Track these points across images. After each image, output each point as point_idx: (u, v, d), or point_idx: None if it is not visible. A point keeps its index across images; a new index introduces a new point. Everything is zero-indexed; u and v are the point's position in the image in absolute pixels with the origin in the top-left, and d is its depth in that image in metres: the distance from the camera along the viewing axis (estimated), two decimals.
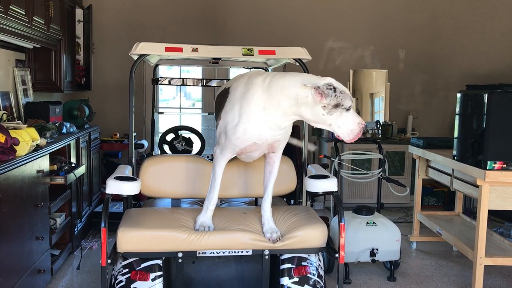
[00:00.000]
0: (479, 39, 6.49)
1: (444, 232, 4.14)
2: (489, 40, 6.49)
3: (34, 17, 3.82)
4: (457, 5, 6.43)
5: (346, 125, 2.45)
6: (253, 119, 2.56)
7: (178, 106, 6.81)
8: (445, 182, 4.17)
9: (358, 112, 6.41)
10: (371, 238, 3.75)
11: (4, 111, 3.78)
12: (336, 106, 2.40)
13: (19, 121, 3.72)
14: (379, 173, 4.24)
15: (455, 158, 3.76)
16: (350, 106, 2.43)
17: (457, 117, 3.78)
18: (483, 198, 3.40)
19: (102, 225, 2.52)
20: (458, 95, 3.76)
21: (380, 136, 6.17)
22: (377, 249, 3.73)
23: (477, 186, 3.47)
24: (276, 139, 2.67)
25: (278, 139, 2.69)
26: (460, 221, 4.55)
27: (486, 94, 3.36)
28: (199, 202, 3.67)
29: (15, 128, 3.10)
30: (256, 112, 2.55)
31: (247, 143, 2.64)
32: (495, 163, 3.32)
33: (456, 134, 3.77)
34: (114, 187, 2.72)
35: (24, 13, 3.60)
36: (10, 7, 3.32)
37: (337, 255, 2.71)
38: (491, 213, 3.61)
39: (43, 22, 4.07)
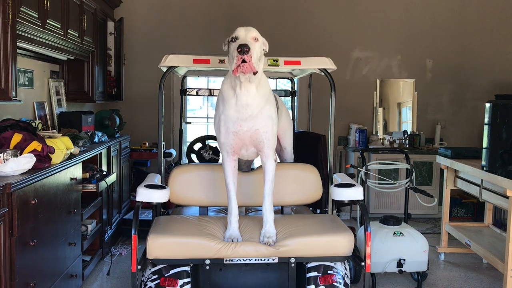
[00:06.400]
0: (508, 49, 6.39)
1: (473, 243, 4.08)
2: None
3: (69, 30, 3.97)
4: (486, 15, 6.35)
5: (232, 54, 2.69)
6: (222, 108, 2.83)
7: (205, 116, 6.91)
8: (474, 192, 4.11)
9: (386, 122, 6.39)
10: (398, 248, 3.73)
11: (40, 121, 3.93)
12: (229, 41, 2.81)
13: (54, 130, 3.86)
14: (406, 183, 4.21)
15: (484, 168, 3.71)
16: (233, 38, 2.76)
17: (486, 127, 3.74)
18: None
19: (133, 232, 2.59)
20: (487, 105, 3.73)
21: (407, 146, 6.12)
22: (404, 260, 3.70)
23: (506, 197, 3.42)
24: (250, 126, 2.76)
25: (254, 127, 2.77)
26: (489, 232, 4.47)
27: None
28: (225, 210, 3.73)
29: (50, 137, 3.22)
30: (220, 101, 2.84)
31: (231, 137, 2.79)
32: None
33: (485, 144, 3.73)
34: (144, 195, 2.81)
35: (59, 26, 3.74)
36: (47, 21, 3.47)
37: (363, 263, 2.72)
38: None
39: (77, 35, 4.22)
